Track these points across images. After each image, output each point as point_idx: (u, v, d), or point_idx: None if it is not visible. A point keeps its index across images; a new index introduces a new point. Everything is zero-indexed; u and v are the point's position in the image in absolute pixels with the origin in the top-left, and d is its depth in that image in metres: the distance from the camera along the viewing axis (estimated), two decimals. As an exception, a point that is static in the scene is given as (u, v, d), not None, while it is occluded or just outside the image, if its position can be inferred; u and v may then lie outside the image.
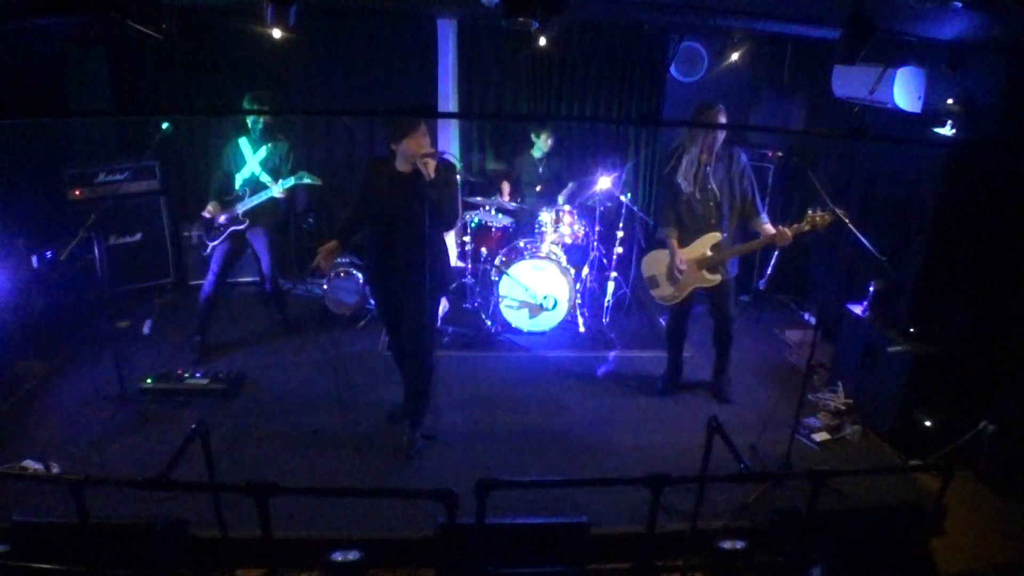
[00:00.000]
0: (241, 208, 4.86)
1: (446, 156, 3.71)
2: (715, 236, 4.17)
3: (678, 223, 4.27)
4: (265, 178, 4.88)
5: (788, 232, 3.94)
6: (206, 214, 4.85)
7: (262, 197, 4.86)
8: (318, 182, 4.98)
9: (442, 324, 5.50)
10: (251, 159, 4.89)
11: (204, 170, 5.93)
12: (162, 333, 5.32)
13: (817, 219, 3.81)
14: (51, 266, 4.96)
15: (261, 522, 2.15)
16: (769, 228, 4.08)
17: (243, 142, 4.90)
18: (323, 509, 3.34)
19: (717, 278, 4.22)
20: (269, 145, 4.92)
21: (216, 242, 4.90)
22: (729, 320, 4.41)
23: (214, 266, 4.91)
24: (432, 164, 3.48)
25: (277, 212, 5.12)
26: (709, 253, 4.20)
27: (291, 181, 4.82)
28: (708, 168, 4.08)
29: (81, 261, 4.95)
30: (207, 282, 4.93)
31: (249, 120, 4.85)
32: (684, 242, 4.27)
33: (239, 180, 4.91)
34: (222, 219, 4.86)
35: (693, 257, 4.24)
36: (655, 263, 4.53)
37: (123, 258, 5.66)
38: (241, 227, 4.90)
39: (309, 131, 6.65)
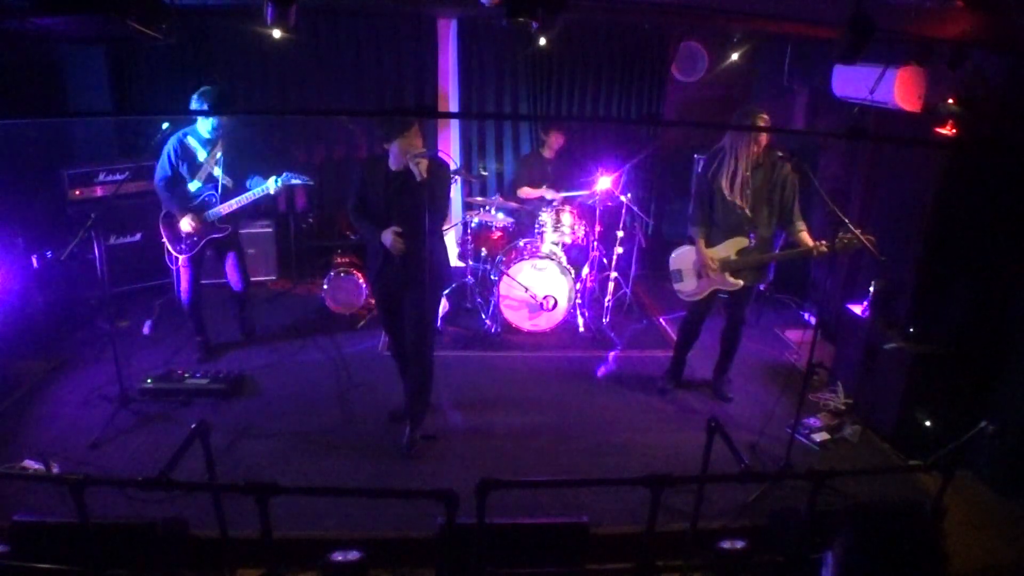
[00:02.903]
0: (217, 215, 4.56)
1: (439, 155, 3.72)
2: (742, 241, 4.15)
3: (711, 224, 4.23)
4: (227, 180, 4.55)
5: (824, 246, 3.85)
6: (189, 229, 4.50)
7: (250, 195, 4.55)
8: (310, 182, 4.73)
9: (442, 324, 5.50)
10: (206, 160, 4.53)
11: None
12: (162, 333, 5.32)
13: (846, 241, 3.70)
14: (51, 266, 4.96)
15: (261, 522, 2.16)
16: (807, 239, 4.00)
17: (191, 141, 4.50)
18: (323, 509, 3.34)
19: (740, 283, 4.20)
20: (219, 144, 4.55)
21: (191, 253, 4.60)
22: (741, 322, 4.42)
23: (188, 276, 4.67)
24: (424, 164, 3.49)
25: (246, 211, 4.85)
26: (734, 257, 4.17)
27: (288, 179, 4.52)
28: (747, 174, 4.04)
29: (81, 261, 4.95)
30: (185, 292, 4.73)
31: (206, 118, 4.43)
32: (712, 242, 4.24)
33: (195, 184, 4.54)
34: (200, 229, 4.55)
35: (719, 258, 4.21)
36: (683, 258, 4.47)
37: (123, 258, 5.65)
38: (222, 235, 4.65)
39: (308, 131, 6.65)
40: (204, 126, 4.50)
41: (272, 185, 4.53)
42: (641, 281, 6.44)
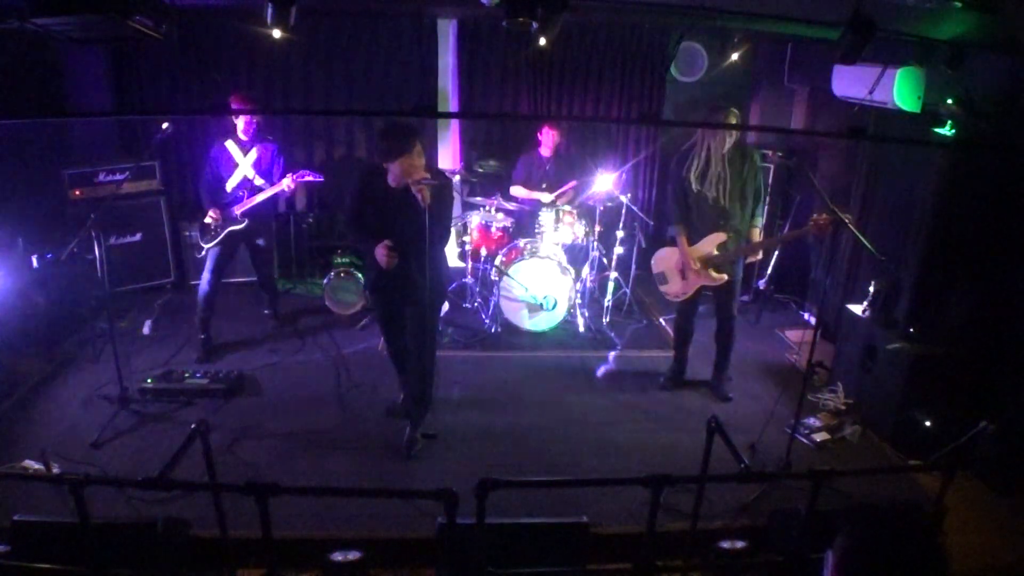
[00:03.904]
0: (240, 209, 4.85)
1: (439, 170, 3.64)
2: (720, 236, 4.19)
3: (687, 221, 4.29)
4: (259, 180, 4.88)
5: (758, 249, 4.26)
6: (209, 221, 4.80)
7: (267, 193, 4.85)
8: (321, 179, 5.05)
9: (442, 324, 5.50)
10: (243, 162, 4.86)
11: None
12: (162, 333, 5.32)
13: (814, 224, 3.80)
14: (51, 266, 4.96)
15: (261, 522, 2.15)
16: (754, 236, 4.22)
17: (231, 145, 4.84)
18: (323, 509, 3.34)
19: (724, 277, 4.24)
20: (258, 146, 4.89)
21: (212, 244, 4.86)
22: (731, 319, 4.42)
23: (210, 265, 4.89)
24: (427, 192, 3.35)
25: (271, 210, 5.22)
26: (715, 252, 4.22)
27: (302, 176, 4.85)
28: (719, 169, 4.09)
29: (81, 261, 4.96)
30: (204, 281, 4.91)
31: (240, 123, 4.80)
32: (691, 241, 4.29)
33: (231, 183, 4.87)
34: (221, 222, 4.83)
35: (699, 256, 4.25)
36: (665, 260, 4.56)
37: (123, 258, 5.65)
38: (239, 227, 4.87)
39: (309, 131, 6.65)
40: (240, 130, 4.84)
41: (287, 183, 4.81)
42: (641, 281, 6.44)
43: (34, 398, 4.37)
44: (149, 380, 4.39)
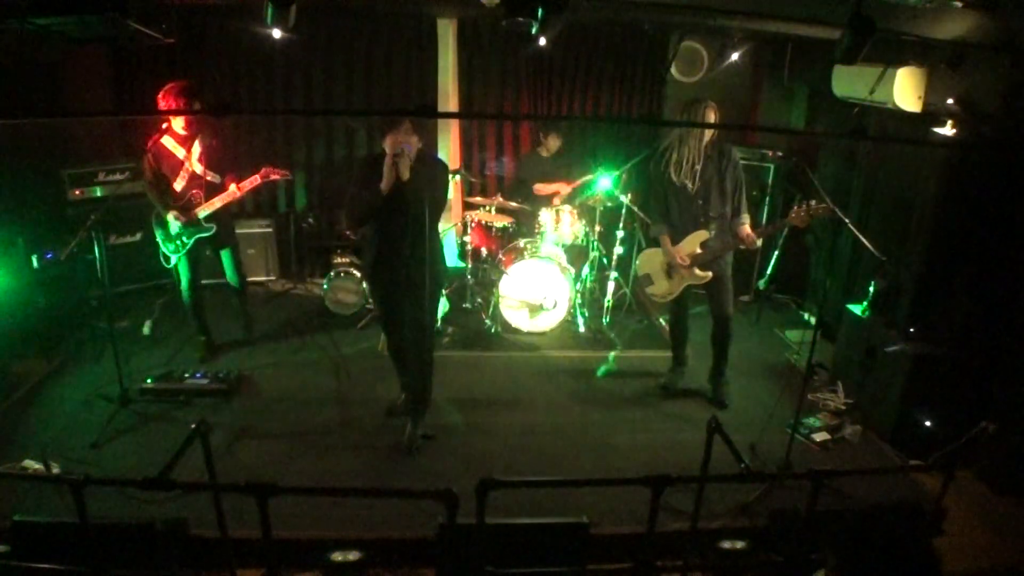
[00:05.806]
0: (203, 213, 4.54)
1: (430, 152, 3.73)
2: (703, 234, 4.19)
3: (668, 221, 4.30)
4: (211, 175, 4.54)
5: (756, 238, 4.08)
6: (176, 227, 4.47)
7: (230, 194, 4.56)
8: (289, 176, 4.75)
9: (442, 324, 5.50)
10: (187, 159, 4.48)
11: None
12: (162, 333, 5.32)
13: (796, 214, 3.90)
14: (51, 266, 4.96)
15: (261, 522, 2.15)
16: (744, 230, 4.13)
17: (168, 141, 4.44)
18: (323, 509, 3.34)
19: (708, 275, 4.24)
20: (199, 140, 4.48)
21: (183, 252, 4.58)
22: (727, 318, 4.41)
23: (184, 274, 4.67)
24: (405, 164, 3.47)
25: (233, 209, 4.95)
26: (699, 251, 4.22)
27: (267, 175, 4.56)
28: (697, 166, 4.09)
29: (81, 261, 4.96)
30: (185, 292, 4.74)
31: (178, 118, 4.38)
32: (674, 240, 4.29)
33: (179, 183, 4.47)
34: (183, 227, 4.51)
35: (684, 254, 4.26)
36: (649, 261, 4.58)
37: (123, 258, 5.65)
38: (208, 234, 4.60)
39: (308, 130, 6.65)
40: (178, 123, 4.43)
41: (249, 183, 4.55)
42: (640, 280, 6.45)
43: (34, 398, 4.37)
44: (149, 380, 4.39)
